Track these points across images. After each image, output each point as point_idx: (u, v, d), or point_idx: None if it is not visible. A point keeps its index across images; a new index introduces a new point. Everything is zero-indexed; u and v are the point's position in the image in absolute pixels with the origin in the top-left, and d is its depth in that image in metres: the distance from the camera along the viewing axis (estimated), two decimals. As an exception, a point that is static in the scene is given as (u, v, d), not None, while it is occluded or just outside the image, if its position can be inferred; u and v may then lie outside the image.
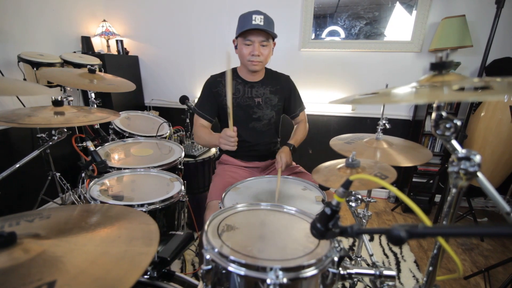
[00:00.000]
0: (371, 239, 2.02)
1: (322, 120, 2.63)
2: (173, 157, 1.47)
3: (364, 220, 1.20)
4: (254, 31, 1.25)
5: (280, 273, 0.51)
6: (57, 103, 1.11)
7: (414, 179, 2.39)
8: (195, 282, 0.84)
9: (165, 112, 2.96)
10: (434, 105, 0.55)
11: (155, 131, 1.90)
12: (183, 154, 1.52)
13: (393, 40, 2.35)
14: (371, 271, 0.66)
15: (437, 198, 2.51)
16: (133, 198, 1.09)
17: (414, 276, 1.68)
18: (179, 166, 1.48)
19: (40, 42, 2.20)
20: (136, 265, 0.52)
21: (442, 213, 0.60)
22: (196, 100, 2.78)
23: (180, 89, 2.88)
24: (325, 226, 0.53)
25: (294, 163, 1.56)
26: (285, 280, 0.50)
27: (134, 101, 2.89)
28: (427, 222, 0.49)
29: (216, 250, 0.58)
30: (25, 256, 0.51)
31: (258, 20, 1.24)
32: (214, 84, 1.41)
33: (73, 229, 0.65)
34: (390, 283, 0.69)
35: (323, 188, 1.07)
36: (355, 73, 2.50)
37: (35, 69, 1.77)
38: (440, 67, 0.58)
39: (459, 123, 0.55)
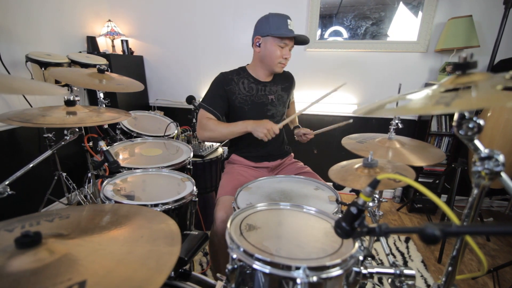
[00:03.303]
0: (377, 239, 2.02)
1: (327, 120, 2.64)
2: (183, 157, 1.46)
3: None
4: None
5: (309, 271, 0.51)
6: (69, 103, 1.12)
7: (420, 179, 2.40)
8: (212, 281, 0.85)
9: (170, 112, 2.96)
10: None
11: (162, 131, 1.90)
12: (191, 154, 1.52)
13: (399, 40, 2.35)
14: (391, 270, 0.67)
15: (443, 198, 2.51)
16: (145, 198, 1.09)
17: (422, 276, 1.68)
18: (188, 166, 1.48)
19: (46, 42, 2.20)
20: (162, 265, 0.52)
21: (462, 215, 0.60)
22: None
23: (185, 89, 2.88)
24: (350, 225, 0.54)
25: (301, 164, 1.56)
26: (315, 279, 0.50)
27: (139, 101, 2.89)
28: (457, 221, 0.49)
29: (241, 249, 0.58)
30: (51, 257, 0.51)
31: (291, 26, 1.30)
32: (227, 82, 1.38)
33: (95, 229, 0.65)
34: (410, 282, 0.69)
35: (337, 187, 1.07)
36: (361, 74, 2.50)
37: (43, 69, 1.77)
38: (464, 67, 0.58)
39: (482, 122, 0.56)
